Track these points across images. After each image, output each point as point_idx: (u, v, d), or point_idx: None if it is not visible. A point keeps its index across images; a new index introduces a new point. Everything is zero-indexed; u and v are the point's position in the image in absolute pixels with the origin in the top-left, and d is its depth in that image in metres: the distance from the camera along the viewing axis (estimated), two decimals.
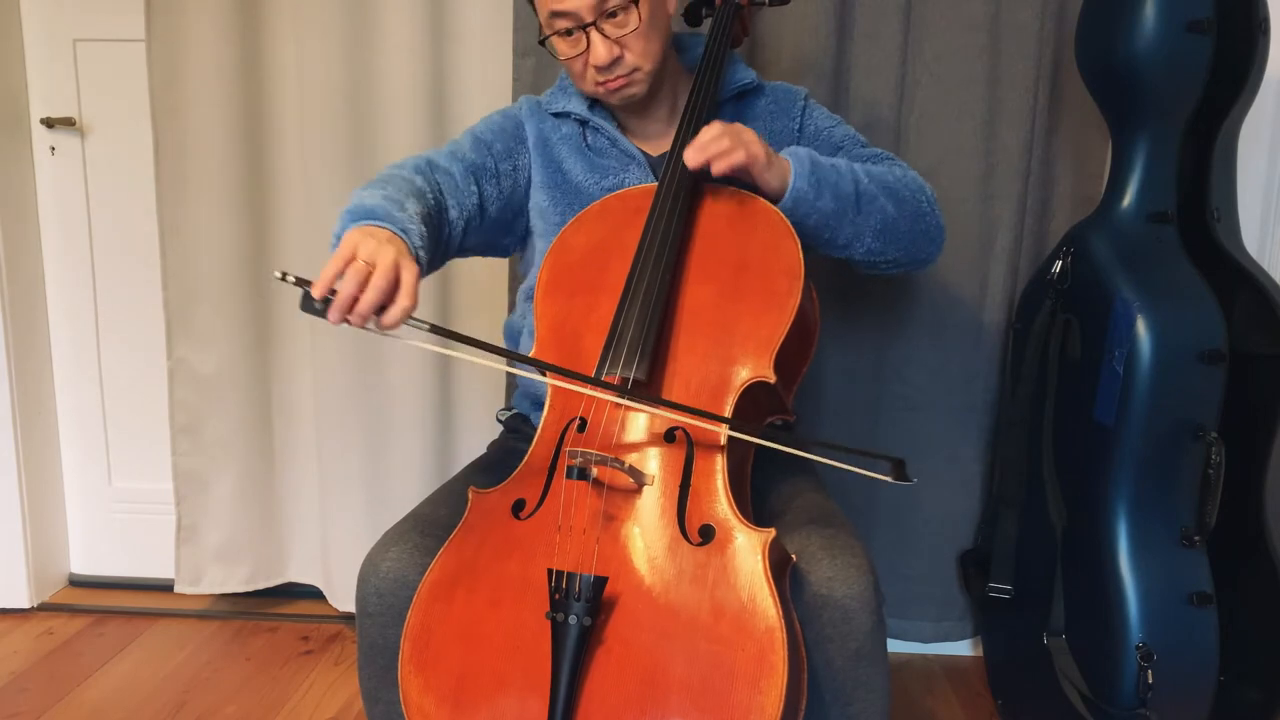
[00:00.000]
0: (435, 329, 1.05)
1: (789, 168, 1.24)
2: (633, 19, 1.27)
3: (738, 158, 1.19)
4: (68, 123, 2.16)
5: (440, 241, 1.29)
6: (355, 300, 1.02)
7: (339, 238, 1.11)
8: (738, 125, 1.22)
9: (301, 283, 1.02)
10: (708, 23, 1.50)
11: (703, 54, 1.37)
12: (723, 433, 1.10)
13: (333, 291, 1.02)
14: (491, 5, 1.93)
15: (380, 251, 1.04)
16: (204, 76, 1.99)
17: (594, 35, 1.27)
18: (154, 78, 1.99)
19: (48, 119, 2.16)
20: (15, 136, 2.15)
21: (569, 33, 1.28)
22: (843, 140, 1.43)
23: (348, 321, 1.03)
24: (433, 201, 1.27)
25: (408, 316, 1.04)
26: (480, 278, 2.05)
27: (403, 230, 1.12)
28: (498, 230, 1.42)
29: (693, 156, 1.19)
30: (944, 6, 1.84)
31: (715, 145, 1.18)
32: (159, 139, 2.02)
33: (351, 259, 1.03)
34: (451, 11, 1.95)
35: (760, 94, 1.45)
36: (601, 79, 1.31)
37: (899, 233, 1.31)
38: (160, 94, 2.00)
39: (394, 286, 1.04)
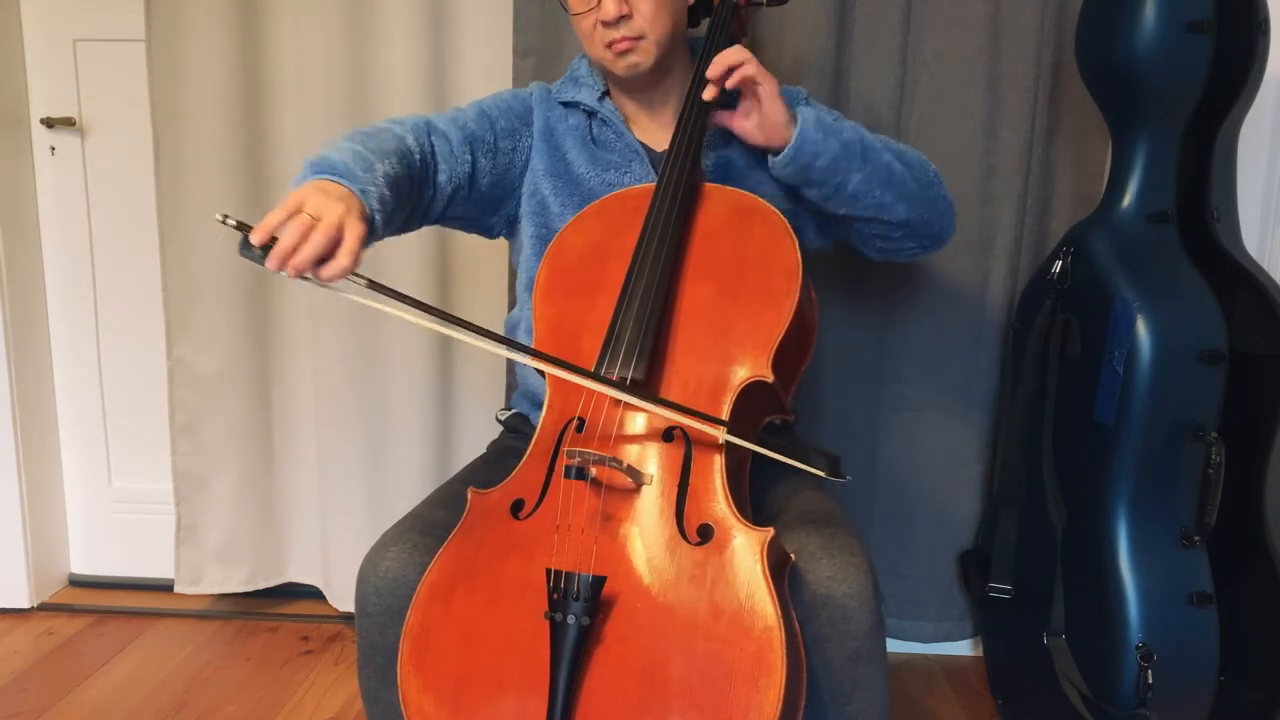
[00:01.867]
0: (372, 284, 1.05)
1: (795, 118, 1.28)
2: None
3: (751, 70, 1.24)
4: (68, 123, 2.17)
5: (417, 204, 1.31)
6: (294, 251, 1.02)
7: (293, 188, 1.11)
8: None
9: (242, 227, 1.02)
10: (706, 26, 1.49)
11: (700, 52, 1.37)
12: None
13: (275, 240, 1.02)
14: (492, 5, 1.93)
15: (328, 208, 1.05)
16: (204, 76, 1.99)
17: None
18: (154, 78, 1.99)
19: (48, 119, 2.16)
20: (15, 136, 2.15)
21: None
22: None
23: (284, 271, 1.03)
24: (417, 162, 1.28)
25: (346, 275, 1.05)
26: (481, 273, 2.05)
27: (361, 190, 1.12)
28: (484, 207, 1.42)
29: (714, 67, 1.25)
30: (944, 6, 1.84)
31: (738, 55, 1.24)
32: (159, 138, 2.02)
33: (297, 210, 1.04)
34: (451, 12, 1.95)
35: None
36: (608, 39, 1.32)
37: (908, 191, 1.32)
38: (160, 94, 2.00)
39: (335, 244, 1.04)
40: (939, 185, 1.38)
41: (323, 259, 1.03)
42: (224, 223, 1.02)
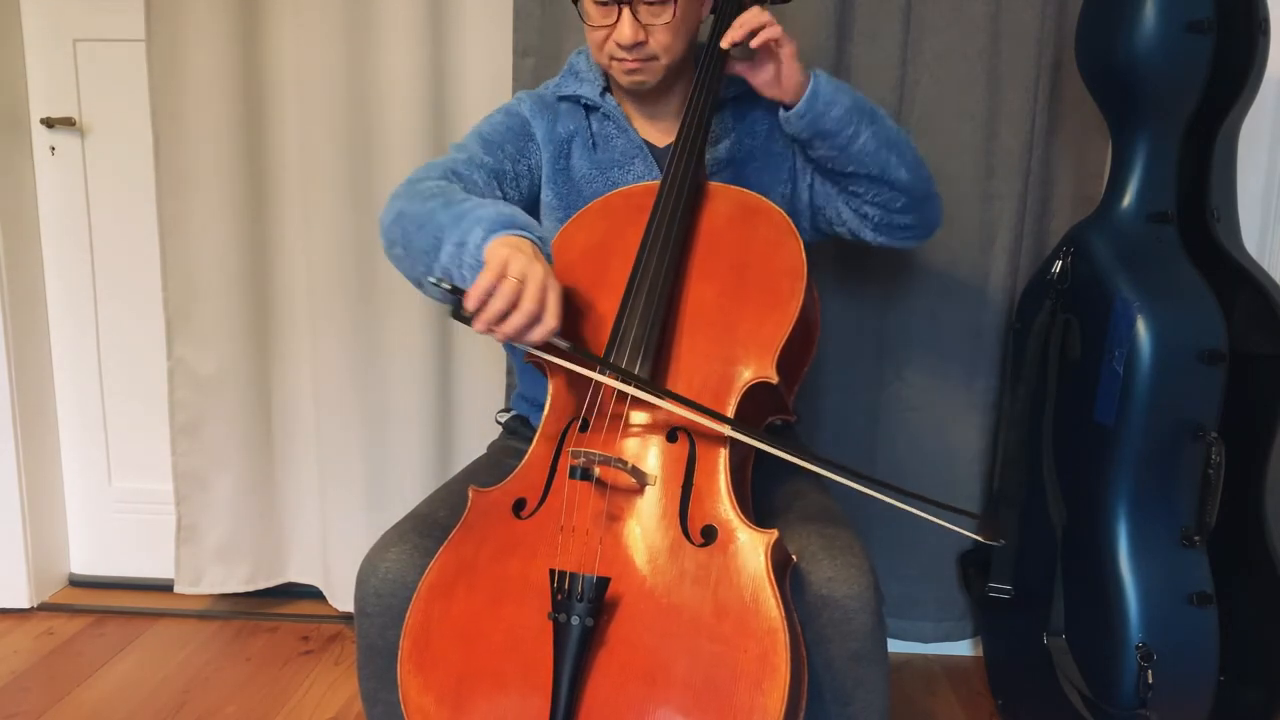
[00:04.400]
0: (574, 349, 1.10)
1: (810, 76, 1.29)
2: (668, 13, 1.30)
3: (771, 33, 1.25)
4: (68, 123, 2.16)
5: None
6: (503, 318, 1.05)
7: (479, 246, 1.11)
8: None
9: (456, 292, 1.06)
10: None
11: (704, 49, 1.37)
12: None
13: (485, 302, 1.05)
14: (491, 5, 1.93)
15: (530, 269, 1.06)
16: (204, 76, 1.98)
17: (625, 14, 1.28)
18: (154, 78, 1.99)
19: (48, 119, 2.16)
20: (15, 136, 2.15)
21: (604, 2, 1.30)
22: None
23: (491, 332, 1.06)
24: None
25: (552, 336, 1.07)
26: None
27: (539, 239, 1.14)
28: None
29: (735, 32, 1.27)
30: (944, 6, 1.84)
31: (755, 20, 1.26)
32: (159, 139, 2.02)
33: (503, 274, 1.05)
34: (451, 11, 1.95)
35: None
36: (619, 56, 1.32)
37: (909, 158, 1.35)
38: (160, 94, 2.00)
39: (542, 307, 1.06)
40: (928, 169, 1.41)
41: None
42: (437, 285, 1.07)
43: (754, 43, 1.26)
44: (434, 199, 1.21)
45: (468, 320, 1.06)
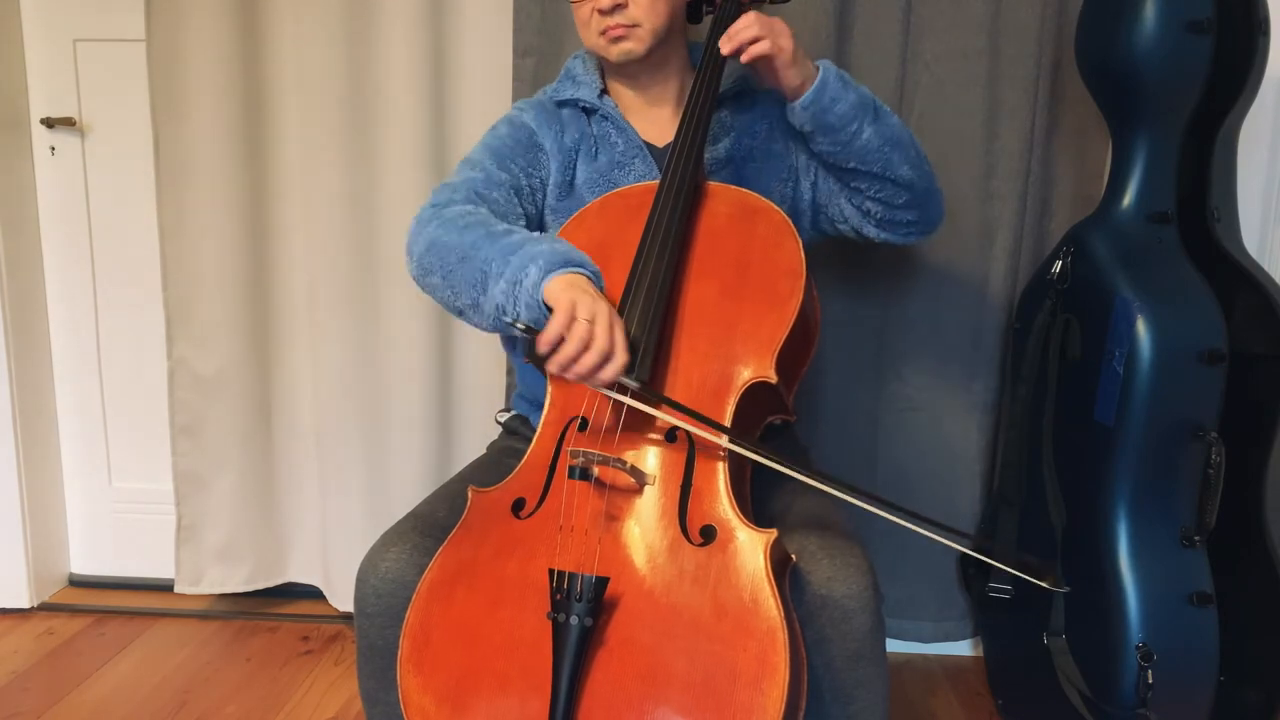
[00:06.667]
0: (643, 388, 1.09)
1: (817, 70, 1.30)
2: None
3: (760, 49, 1.25)
4: (68, 123, 2.16)
5: None
6: (575, 359, 1.06)
7: (536, 285, 1.11)
8: (772, 20, 1.28)
9: (530, 332, 1.08)
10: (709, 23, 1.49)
11: (704, 48, 1.38)
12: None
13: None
14: (491, 5, 1.93)
15: (597, 309, 1.08)
16: (204, 76, 1.99)
17: None
18: (154, 78, 1.99)
19: (48, 119, 2.16)
20: (15, 136, 2.15)
21: None
22: None
23: (564, 374, 1.08)
24: None
25: (623, 374, 1.08)
26: None
27: (594, 273, 1.15)
28: None
29: (725, 44, 1.28)
30: (944, 6, 1.84)
31: (745, 34, 1.26)
32: (159, 138, 2.02)
33: (573, 317, 1.07)
34: (451, 11, 1.95)
35: (759, 90, 1.46)
36: (602, 26, 1.33)
37: (911, 156, 1.36)
38: (160, 94, 2.00)
39: (613, 346, 1.08)
40: (930, 166, 1.41)
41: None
42: (514, 326, 1.11)
43: (743, 58, 1.27)
44: (472, 230, 1.20)
45: (541, 362, 1.08)
